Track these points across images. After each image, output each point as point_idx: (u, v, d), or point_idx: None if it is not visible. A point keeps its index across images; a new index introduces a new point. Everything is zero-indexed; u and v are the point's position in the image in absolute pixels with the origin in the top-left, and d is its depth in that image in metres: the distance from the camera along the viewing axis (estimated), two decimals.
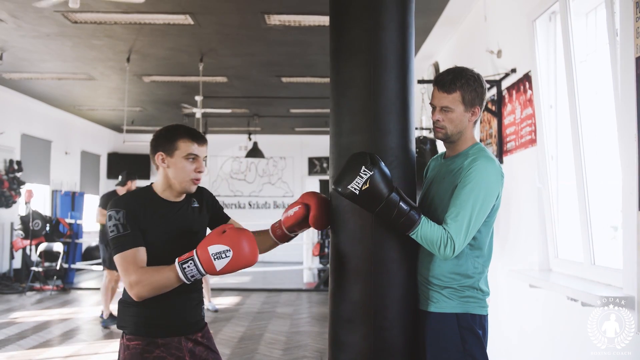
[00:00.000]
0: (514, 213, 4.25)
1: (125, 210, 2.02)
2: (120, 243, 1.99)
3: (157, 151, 2.12)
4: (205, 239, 1.96)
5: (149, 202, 2.10)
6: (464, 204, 1.97)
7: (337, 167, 2.15)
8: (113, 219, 2.01)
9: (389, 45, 2.15)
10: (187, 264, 1.92)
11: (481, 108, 2.15)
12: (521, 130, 4.08)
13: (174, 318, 2.12)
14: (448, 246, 1.95)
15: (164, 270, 1.95)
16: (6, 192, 9.41)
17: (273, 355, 5.24)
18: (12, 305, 7.91)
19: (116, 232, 2.00)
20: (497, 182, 2.05)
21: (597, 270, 3.07)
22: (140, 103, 10.56)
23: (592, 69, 3.28)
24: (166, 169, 2.11)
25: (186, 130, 2.14)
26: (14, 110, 10.02)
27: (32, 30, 6.44)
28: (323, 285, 9.52)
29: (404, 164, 2.14)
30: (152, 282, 1.94)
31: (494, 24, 4.70)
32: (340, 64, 2.22)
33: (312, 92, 9.45)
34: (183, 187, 2.13)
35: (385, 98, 2.12)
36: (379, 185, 1.92)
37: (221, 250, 1.90)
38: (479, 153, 2.10)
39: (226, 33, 6.53)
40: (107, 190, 10.36)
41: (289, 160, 14.86)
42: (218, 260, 1.90)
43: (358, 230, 2.10)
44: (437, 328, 2.04)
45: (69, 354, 5.23)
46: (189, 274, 1.93)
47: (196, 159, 2.11)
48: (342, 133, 2.17)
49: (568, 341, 3.32)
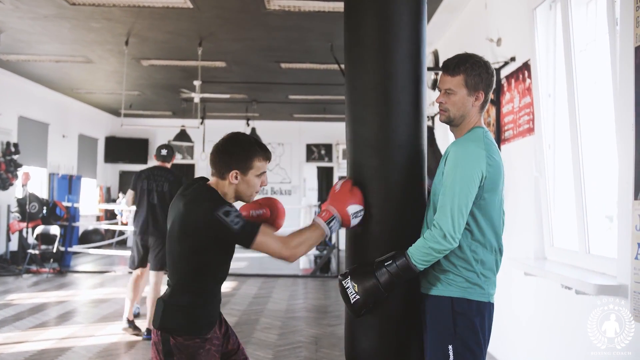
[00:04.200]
0: (511, 201, 4.26)
1: (230, 205, 2.07)
2: (251, 226, 2.05)
3: (232, 168, 2.14)
4: (338, 196, 2.14)
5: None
6: (445, 192, 2.03)
7: (351, 156, 2.27)
8: (232, 215, 2.02)
9: (401, 34, 2.19)
10: (332, 222, 2.11)
11: (485, 93, 2.16)
12: (519, 119, 4.08)
13: (215, 312, 2.23)
14: (438, 236, 1.98)
15: (308, 231, 2.11)
16: (3, 175, 9.39)
17: (269, 340, 5.27)
18: (9, 287, 7.93)
19: (242, 222, 2.02)
20: (475, 161, 2.03)
21: (591, 259, 3.09)
22: (139, 87, 10.52)
23: (592, 59, 3.27)
24: (236, 185, 2.16)
25: (261, 147, 2.19)
26: (12, 93, 9.97)
27: (29, 12, 6.39)
28: (319, 271, 9.56)
29: (414, 154, 2.22)
30: (305, 240, 2.10)
31: (494, 12, 4.68)
32: (353, 54, 2.25)
33: (311, 78, 9.42)
34: (248, 199, 2.24)
35: (397, 87, 2.17)
36: (362, 284, 2.05)
37: (358, 210, 2.12)
38: (465, 138, 2.14)
39: (226, 17, 6.49)
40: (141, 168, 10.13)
41: (287, 147, 14.84)
42: (354, 219, 2.12)
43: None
44: (434, 311, 2.10)
45: (65, 336, 5.25)
46: (333, 230, 2.12)
47: (264, 174, 2.21)
48: (356, 122, 2.25)
49: (562, 328, 3.35)
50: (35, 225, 9.46)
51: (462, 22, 5.90)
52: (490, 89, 2.19)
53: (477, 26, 5.14)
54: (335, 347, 5.00)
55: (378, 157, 2.17)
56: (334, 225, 2.10)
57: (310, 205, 10.80)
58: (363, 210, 2.12)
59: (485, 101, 2.18)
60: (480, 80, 2.14)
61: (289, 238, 2.09)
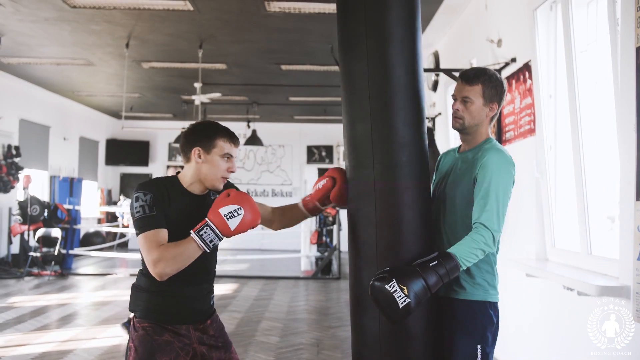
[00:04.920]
0: (512, 202, 4.24)
1: (152, 194, 2.06)
2: (145, 223, 2.02)
3: (194, 145, 2.15)
4: (213, 205, 2.02)
5: (173, 192, 2.14)
6: (487, 194, 2.08)
7: (351, 156, 2.23)
8: (140, 200, 2.04)
9: (396, 33, 2.18)
10: (203, 230, 1.98)
11: (499, 106, 2.27)
12: (520, 119, 4.08)
13: (184, 307, 2.16)
14: (487, 239, 2.03)
15: (182, 244, 1.99)
16: (4, 177, 9.40)
17: (270, 342, 5.27)
18: (10, 290, 7.93)
19: (142, 213, 2.03)
20: (511, 169, 2.17)
21: (593, 260, 3.09)
22: (139, 89, 10.52)
23: (592, 59, 3.27)
24: (200, 164, 2.14)
25: (225, 129, 2.19)
26: (13, 95, 9.98)
27: (30, 15, 6.40)
28: (320, 273, 9.54)
29: (418, 155, 2.20)
30: (174, 256, 1.97)
31: (495, 13, 4.68)
32: (348, 57, 2.25)
33: (311, 80, 9.41)
34: (213, 184, 2.17)
35: (396, 89, 2.16)
36: (412, 287, 1.94)
37: (232, 209, 1.99)
38: (491, 146, 2.22)
39: (226, 20, 6.50)
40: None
41: (288, 149, 14.84)
42: (231, 220, 1.98)
43: (365, 217, 2.18)
44: (464, 314, 2.15)
45: (67, 339, 5.25)
46: (207, 240, 1.98)
47: (230, 158, 2.17)
48: (353, 122, 2.23)
49: (564, 330, 3.34)
50: (36, 228, 9.46)
51: (463, 23, 5.90)
52: (502, 103, 2.29)
53: (478, 27, 5.14)
54: (337, 350, 5.00)
55: (382, 155, 2.16)
56: (206, 233, 1.97)
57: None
58: (240, 208, 1.99)
59: (496, 114, 2.29)
60: (496, 92, 2.24)
61: (163, 252, 1.97)
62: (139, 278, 2.19)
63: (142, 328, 2.12)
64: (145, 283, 2.14)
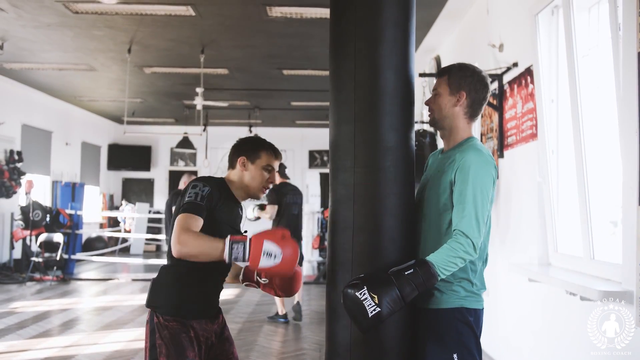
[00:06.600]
0: (514, 207, 4.25)
1: (210, 189, 2.18)
2: (192, 207, 2.11)
3: (240, 155, 2.35)
4: (264, 233, 2.01)
5: (224, 194, 2.27)
6: (465, 199, 1.98)
7: (333, 159, 2.18)
8: (197, 189, 2.16)
9: (387, 37, 2.13)
10: (237, 245, 1.98)
11: (468, 95, 2.13)
12: (522, 124, 4.07)
13: (204, 302, 2.30)
14: (467, 246, 1.93)
15: (213, 241, 2.02)
16: (6, 183, 9.41)
17: (272, 346, 5.26)
18: (12, 295, 7.92)
19: (193, 198, 2.13)
20: (490, 170, 2.05)
21: (596, 265, 3.08)
22: (141, 94, 10.54)
23: (594, 64, 3.27)
24: (244, 172, 2.33)
25: (270, 144, 2.39)
26: (15, 101, 10.01)
27: (32, 20, 6.42)
28: (322, 278, 9.52)
29: (403, 160, 2.13)
30: (199, 245, 2.01)
31: (496, 18, 4.68)
32: (337, 57, 2.21)
33: (313, 84, 9.43)
34: (254, 192, 2.35)
35: (383, 91, 2.11)
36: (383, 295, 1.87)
37: (274, 251, 1.96)
38: (469, 145, 2.10)
39: (227, 25, 6.51)
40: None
41: (290, 153, 14.83)
42: (265, 257, 1.95)
43: (342, 221, 2.12)
44: (437, 324, 2.05)
45: (69, 344, 5.24)
46: (234, 254, 1.98)
47: (271, 171, 2.36)
48: (339, 123, 2.18)
49: (567, 335, 3.33)
50: (38, 233, 9.46)
51: (464, 28, 5.90)
52: (477, 95, 2.14)
53: (479, 32, 5.14)
54: None
55: (364, 159, 2.10)
56: (238, 249, 1.96)
57: (313, 211, 10.79)
58: (281, 255, 1.94)
59: (473, 110, 2.16)
60: (464, 81, 2.13)
61: (194, 238, 2.03)
62: (162, 275, 2.28)
63: (169, 324, 2.18)
64: (170, 279, 2.25)
